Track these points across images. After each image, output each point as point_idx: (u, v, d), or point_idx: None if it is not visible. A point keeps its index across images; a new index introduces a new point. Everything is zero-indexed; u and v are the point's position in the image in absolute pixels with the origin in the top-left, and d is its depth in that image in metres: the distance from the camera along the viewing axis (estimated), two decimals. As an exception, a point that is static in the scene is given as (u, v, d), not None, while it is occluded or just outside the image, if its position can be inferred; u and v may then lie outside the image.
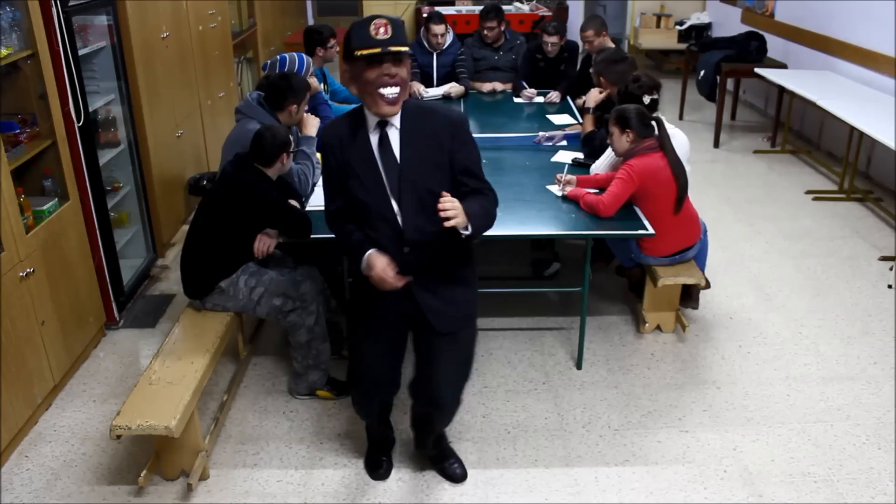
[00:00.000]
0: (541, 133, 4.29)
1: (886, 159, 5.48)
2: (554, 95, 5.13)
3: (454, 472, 2.84)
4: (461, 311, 2.43)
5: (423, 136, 2.22)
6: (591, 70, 4.21)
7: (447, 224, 2.11)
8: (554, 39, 5.08)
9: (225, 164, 3.19)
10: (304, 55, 3.99)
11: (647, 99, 3.59)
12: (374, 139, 2.23)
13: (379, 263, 2.23)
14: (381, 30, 2.05)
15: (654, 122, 3.41)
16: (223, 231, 3.03)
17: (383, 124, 2.21)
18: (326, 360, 3.24)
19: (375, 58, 2.06)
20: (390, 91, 2.11)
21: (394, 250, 2.26)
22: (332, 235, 2.44)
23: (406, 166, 2.23)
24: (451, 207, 2.11)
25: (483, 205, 2.27)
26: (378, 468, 2.87)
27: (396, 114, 2.19)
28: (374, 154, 2.23)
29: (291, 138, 3.09)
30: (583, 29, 4.88)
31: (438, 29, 5.20)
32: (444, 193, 2.13)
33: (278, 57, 3.91)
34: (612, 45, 4.75)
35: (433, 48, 5.30)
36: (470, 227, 2.19)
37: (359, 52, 2.07)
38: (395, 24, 2.08)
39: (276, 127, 3.08)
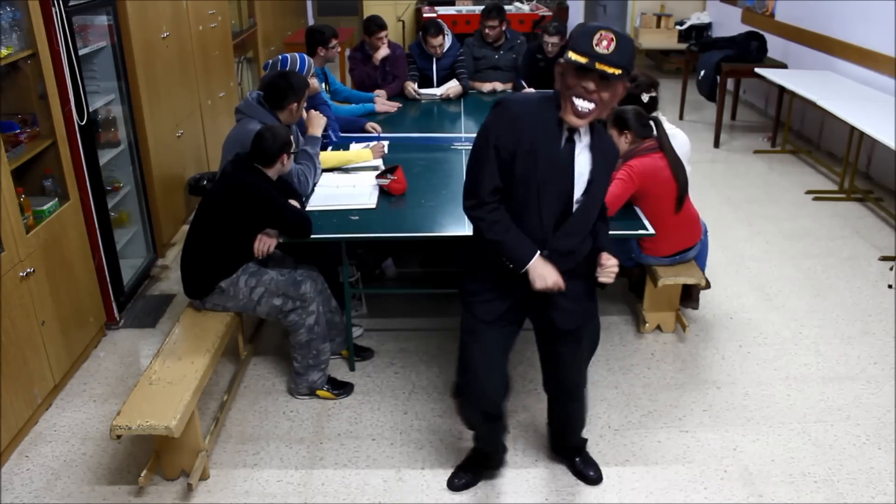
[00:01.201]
0: None
1: (886, 159, 5.48)
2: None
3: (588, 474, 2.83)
4: (584, 307, 2.45)
5: (604, 154, 2.27)
6: None
7: (601, 281, 2.32)
8: (554, 40, 5.08)
9: (225, 164, 3.19)
10: (305, 55, 3.98)
11: (645, 97, 3.59)
12: (564, 137, 2.19)
13: (544, 268, 2.24)
14: (604, 43, 2.00)
15: (651, 123, 3.41)
16: (223, 231, 3.03)
17: (573, 128, 2.18)
18: (326, 360, 3.25)
19: (581, 67, 2.03)
20: (583, 104, 2.08)
21: (538, 242, 2.27)
22: (477, 230, 2.33)
23: (593, 180, 2.25)
24: (609, 266, 2.31)
25: (610, 241, 2.45)
26: (457, 479, 2.80)
27: (580, 127, 2.16)
28: (560, 146, 2.18)
29: (292, 139, 3.09)
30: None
31: (436, 41, 5.20)
32: (608, 256, 2.31)
33: (280, 57, 3.91)
34: None
35: (432, 55, 5.31)
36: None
37: (570, 55, 2.04)
38: (622, 42, 2.01)
39: (277, 127, 3.08)
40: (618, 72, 2.02)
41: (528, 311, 2.47)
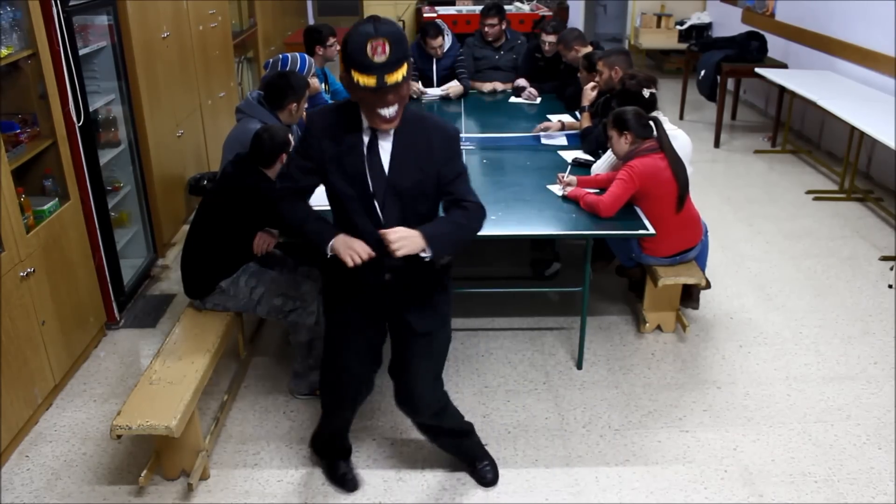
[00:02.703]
0: (538, 126, 4.36)
1: (887, 159, 5.48)
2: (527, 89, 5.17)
3: (485, 475, 2.81)
4: (438, 312, 2.45)
5: (415, 148, 2.20)
6: (598, 65, 4.19)
7: (396, 255, 2.11)
8: (552, 38, 5.08)
9: (225, 165, 3.19)
10: (305, 55, 3.99)
11: (646, 93, 3.59)
12: (365, 140, 2.21)
13: (349, 240, 2.21)
14: (379, 49, 1.98)
15: (651, 123, 3.41)
16: (224, 231, 3.03)
17: (375, 129, 2.19)
18: (327, 360, 3.24)
19: (373, 90, 2.02)
20: (387, 111, 2.09)
21: (373, 249, 2.23)
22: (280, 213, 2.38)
23: (394, 176, 2.21)
24: (394, 240, 2.10)
25: (455, 221, 2.27)
26: (345, 477, 2.80)
27: (392, 128, 2.17)
28: (363, 155, 2.21)
29: (291, 138, 3.09)
30: (557, 42, 4.94)
31: (435, 42, 5.21)
32: (389, 231, 2.11)
33: (280, 57, 3.91)
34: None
35: (432, 55, 5.31)
36: (429, 251, 2.17)
37: (356, 78, 2.02)
38: (394, 40, 2.00)
39: (275, 127, 3.08)
40: (403, 73, 2.03)
41: (386, 316, 2.46)
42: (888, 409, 3.20)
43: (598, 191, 3.39)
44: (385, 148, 2.21)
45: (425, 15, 8.13)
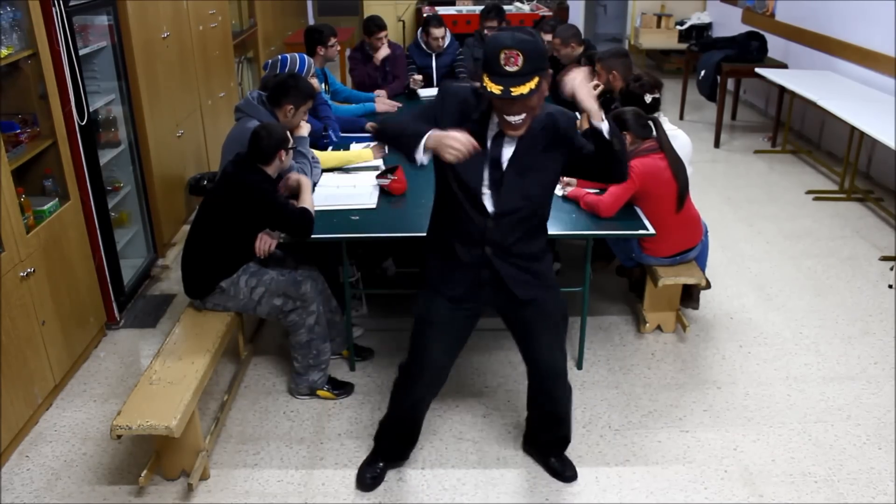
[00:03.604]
0: None
1: (887, 159, 5.48)
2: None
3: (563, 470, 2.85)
4: (540, 280, 2.47)
5: (540, 144, 2.25)
6: (596, 67, 4.19)
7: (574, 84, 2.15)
8: (548, 38, 5.08)
9: (226, 164, 3.18)
10: (304, 56, 3.98)
11: (648, 98, 3.59)
12: (491, 132, 2.25)
13: (444, 133, 2.15)
14: (512, 60, 2.02)
15: (651, 123, 3.41)
16: (224, 231, 3.03)
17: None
18: (327, 360, 3.25)
19: (499, 98, 2.07)
20: (513, 119, 2.14)
21: (476, 238, 2.33)
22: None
23: (519, 164, 2.25)
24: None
25: None
26: (370, 474, 2.81)
27: (518, 135, 2.21)
28: (486, 137, 2.25)
29: (289, 135, 3.08)
30: (553, 37, 4.93)
31: (438, 32, 5.21)
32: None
33: (279, 57, 3.91)
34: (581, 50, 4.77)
35: (432, 50, 5.32)
36: (606, 123, 2.20)
37: (485, 82, 2.07)
38: (528, 53, 2.03)
39: (273, 125, 3.07)
40: (532, 86, 2.05)
41: (488, 297, 2.50)
42: (888, 409, 3.20)
43: (598, 191, 3.39)
44: (510, 142, 2.25)
45: (425, 15, 8.13)
